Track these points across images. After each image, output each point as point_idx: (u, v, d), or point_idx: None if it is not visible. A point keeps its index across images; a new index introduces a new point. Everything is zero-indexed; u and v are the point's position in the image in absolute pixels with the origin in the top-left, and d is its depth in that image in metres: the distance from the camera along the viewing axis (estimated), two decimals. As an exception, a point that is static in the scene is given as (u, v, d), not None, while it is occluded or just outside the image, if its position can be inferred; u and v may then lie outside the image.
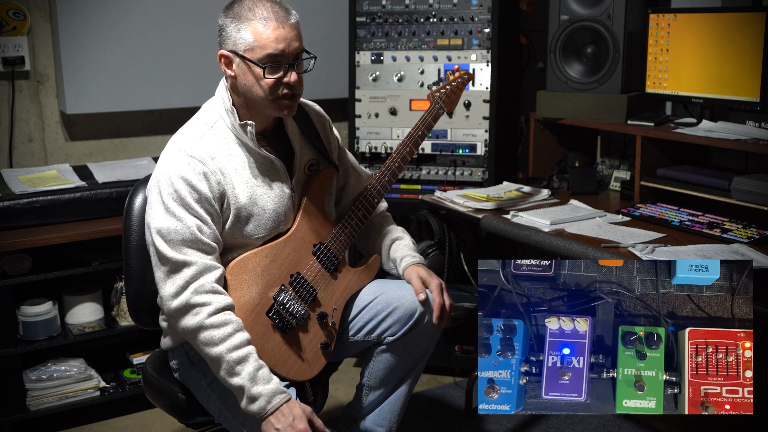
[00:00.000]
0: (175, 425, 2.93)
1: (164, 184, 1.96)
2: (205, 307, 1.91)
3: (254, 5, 1.95)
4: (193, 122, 2.07)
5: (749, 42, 2.58)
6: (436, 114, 2.35)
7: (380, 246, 2.30)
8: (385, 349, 2.19)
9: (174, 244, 1.93)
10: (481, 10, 3.19)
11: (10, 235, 2.75)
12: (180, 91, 3.33)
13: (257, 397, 1.90)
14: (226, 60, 1.99)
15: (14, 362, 2.80)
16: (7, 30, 3.08)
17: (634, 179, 2.82)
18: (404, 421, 2.32)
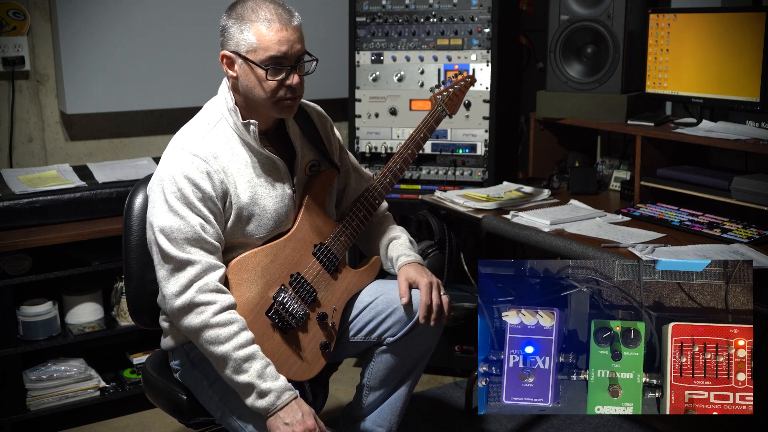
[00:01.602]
0: (175, 425, 2.93)
1: (167, 182, 1.96)
2: (209, 306, 1.92)
3: (257, 7, 1.95)
4: (196, 121, 2.07)
5: (749, 42, 2.58)
6: (438, 116, 2.35)
7: (378, 245, 2.30)
8: (385, 349, 2.19)
9: (177, 243, 1.93)
10: (481, 10, 3.19)
11: (10, 235, 2.75)
12: (180, 91, 3.33)
13: (267, 392, 1.90)
14: (228, 60, 1.99)
15: (14, 362, 2.80)
16: (7, 30, 3.08)
17: (634, 179, 2.82)
18: (404, 421, 2.33)
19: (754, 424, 2.67)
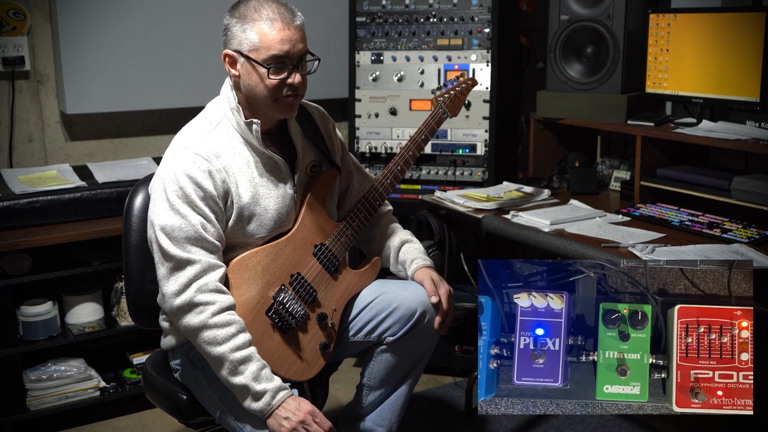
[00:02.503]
0: (175, 425, 2.93)
1: (169, 181, 1.96)
2: (209, 306, 1.92)
3: (260, 6, 1.95)
4: (198, 121, 2.07)
5: (749, 42, 2.58)
6: (439, 118, 2.35)
7: (389, 247, 2.30)
8: (385, 349, 2.19)
9: (178, 242, 1.93)
10: (481, 10, 3.19)
11: (10, 235, 2.75)
12: (180, 91, 3.33)
13: (262, 393, 1.91)
14: (231, 59, 2.00)
15: (14, 362, 2.80)
16: (7, 30, 3.08)
17: (634, 179, 2.82)
18: (404, 421, 2.32)
19: (754, 424, 2.67)
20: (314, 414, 1.93)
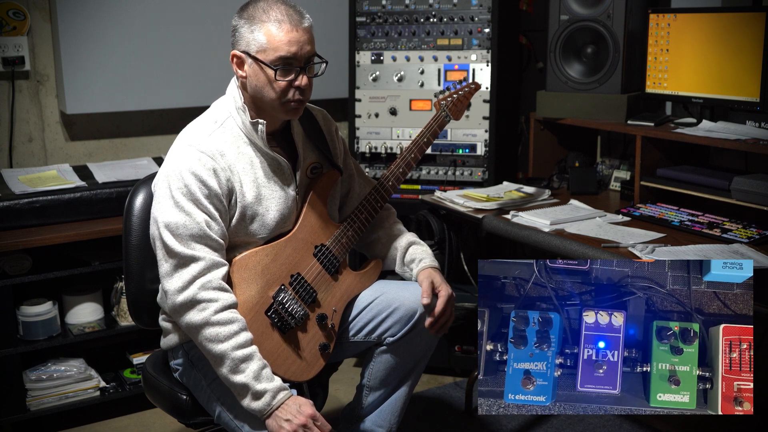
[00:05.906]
0: (175, 425, 2.93)
1: (174, 178, 1.96)
2: (211, 304, 1.92)
3: (268, 7, 1.95)
4: (203, 119, 2.07)
5: (749, 42, 2.58)
6: (442, 122, 2.35)
7: (395, 248, 2.29)
8: (385, 349, 2.19)
9: (182, 239, 1.93)
10: (481, 10, 3.19)
11: (10, 235, 2.75)
12: (180, 91, 3.33)
13: (262, 393, 1.91)
14: (238, 60, 2.00)
15: (14, 362, 2.80)
16: (7, 30, 3.08)
17: (634, 179, 2.82)
18: (404, 421, 2.32)
19: (754, 424, 2.67)
20: (315, 418, 1.93)
